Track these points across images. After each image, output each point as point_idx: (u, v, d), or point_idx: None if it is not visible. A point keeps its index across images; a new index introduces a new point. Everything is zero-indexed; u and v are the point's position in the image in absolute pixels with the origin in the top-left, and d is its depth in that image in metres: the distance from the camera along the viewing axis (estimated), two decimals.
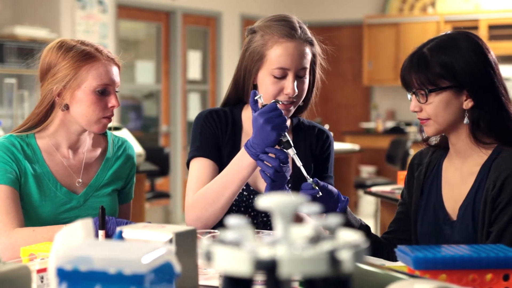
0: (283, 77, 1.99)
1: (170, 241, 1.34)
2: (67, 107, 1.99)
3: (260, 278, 0.82)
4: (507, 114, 1.84)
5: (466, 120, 1.83)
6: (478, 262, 1.45)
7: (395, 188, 3.45)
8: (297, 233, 0.87)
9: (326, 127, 6.05)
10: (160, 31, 7.98)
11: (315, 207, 0.89)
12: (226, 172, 1.92)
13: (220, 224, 1.99)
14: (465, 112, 1.83)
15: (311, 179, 1.86)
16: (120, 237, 1.19)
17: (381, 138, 8.49)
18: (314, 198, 1.87)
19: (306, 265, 0.80)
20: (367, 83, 9.14)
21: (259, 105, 1.89)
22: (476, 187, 1.84)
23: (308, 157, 2.13)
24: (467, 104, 1.82)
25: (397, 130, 8.38)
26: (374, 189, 3.53)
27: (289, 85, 1.98)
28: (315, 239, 0.87)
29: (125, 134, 4.15)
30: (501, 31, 8.36)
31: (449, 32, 1.89)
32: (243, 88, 2.07)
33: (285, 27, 2.02)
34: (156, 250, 1.05)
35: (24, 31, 6.25)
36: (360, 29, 9.15)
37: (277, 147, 1.87)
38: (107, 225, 1.78)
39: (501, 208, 1.76)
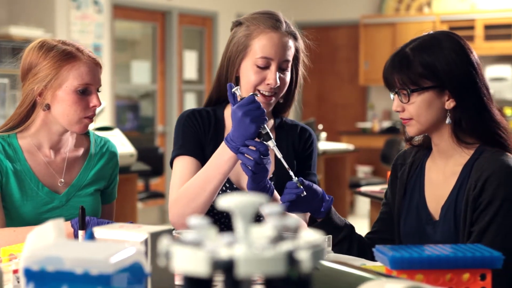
0: (266, 67, 2.01)
1: (146, 241, 1.34)
2: (48, 107, 1.99)
3: (219, 278, 0.82)
4: (489, 115, 1.84)
5: (448, 120, 1.83)
6: (455, 262, 1.45)
7: (385, 188, 3.44)
8: (258, 233, 0.87)
9: (320, 127, 6.07)
10: (156, 31, 7.98)
11: (276, 207, 0.89)
12: (207, 167, 1.92)
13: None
14: (447, 112, 1.83)
15: (296, 178, 1.86)
16: (91, 237, 1.19)
17: (378, 138, 8.49)
18: (299, 197, 1.87)
19: (263, 265, 0.80)
20: (364, 83, 9.14)
21: (238, 98, 1.89)
22: (458, 187, 1.84)
23: (291, 155, 2.13)
24: (449, 104, 1.82)
25: (393, 130, 8.38)
26: (363, 189, 3.52)
27: (272, 76, 2.00)
28: (276, 239, 0.87)
29: (117, 134, 4.15)
30: (497, 31, 8.36)
31: (431, 32, 1.89)
32: (225, 82, 2.07)
33: (270, 19, 2.05)
34: (125, 250, 1.05)
35: (19, 31, 6.25)
36: (357, 29, 9.15)
37: (257, 139, 1.87)
38: (88, 225, 1.78)
39: (482, 208, 1.76)
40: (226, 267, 0.79)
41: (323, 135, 5.81)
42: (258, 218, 2.08)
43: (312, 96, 9.52)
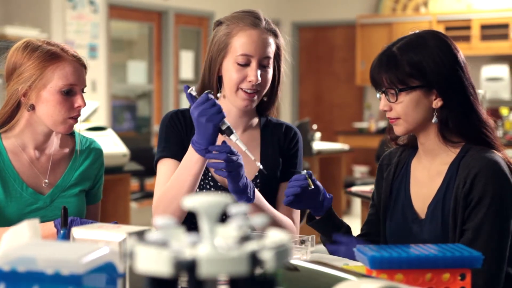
0: (246, 64, 2.02)
1: (124, 241, 1.34)
2: (32, 107, 1.99)
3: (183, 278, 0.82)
4: (476, 114, 1.85)
5: (434, 119, 1.84)
6: (434, 261, 1.45)
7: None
8: (224, 233, 0.87)
9: (315, 127, 6.07)
10: (152, 31, 7.98)
11: (243, 207, 0.89)
12: (179, 170, 1.93)
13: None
14: (434, 111, 1.84)
15: (305, 171, 1.89)
16: (64, 237, 1.19)
17: (374, 138, 8.48)
18: (303, 192, 1.90)
19: (226, 265, 0.80)
20: (360, 83, 9.14)
21: (195, 99, 1.89)
22: (445, 186, 1.84)
23: (276, 154, 2.14)
24: (437, 103, 1.83)
25: None
26: (354, 189, 3.52)
27: (252, 73, 2.01)
28: (242, 239, 0.87)
29: (109, 134, 4.15)
30: (493, 30, 8.36)
31: (417, 31, 1.89)
32: (209, 82, 2.08)
33: (249, 17, 2.07)
34: (98, 250, 1.06)
35: (15, 31, 6.25)
36: (353, 29, 9.15)
37: (220, 136, 1.88)
38: (71, 225, 1.78)
39: (474, 205, 1.77)
40: (189, 267, 0.80)
41: (318, 135, 5.81)
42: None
43: (308, 96, 9.52)
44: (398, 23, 8.76)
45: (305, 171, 1.88)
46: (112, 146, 4.08)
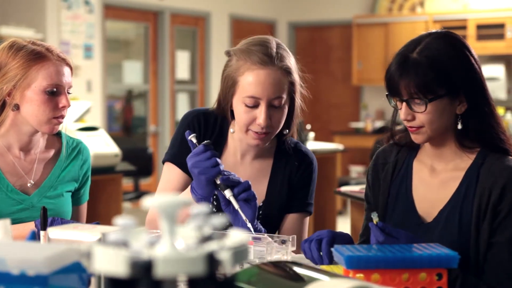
0: (255, 106, 1.91)
1: (99, 241, 1.35)
2: (17, 107, 1.99)
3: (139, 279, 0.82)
4: (494, 118, 1.78)
5: (460, 126, 1.76)
6: (411, 261, 1.45)
7: (364, 188, 3.42)
8: (184, 233, 0.88)
9: (308, 127, 6.06)
10: (148, 31, 7.99)
11: (204, 207, 0.89)
12: None
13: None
14: (458, 117, 1.76)
15: (375, 217, 1.70)
16: (33, 238, 1.20)
17: (370, 138, 8.48)
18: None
19: (183, 265, 0.81)
20: (357, 83, 9.15)
21: (195, 145, 1.86)
22: (463, 193, 1.77)
23: (285, 186, 2.07)
24: (461, 108, 1.75)
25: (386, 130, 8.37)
26: (343, 188, 3.52)
27: (261, 115, 1.90)
28: (203, 240, 0.87)
29: (101, 134, 4.15)
30: (489, 30, 8.36)
31: (429, 32, 1.78)
32: (224, 109, 2.02)
33: (259, 53, 1.92)
34: (65, 251, 1.06)
35: (10, 31, 6.25)
36: (350, 29, 9.16)
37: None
38: (52, 225, 1.78)
39: (504, 216, 1.71)
40: (146, 267, 0.80)
41: (312, 135, 5.81)
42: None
43: (305, 96, 9.51)
44: (394, 23, 8.76)
45: (375, 217, 1.70)
46: (104, 146, 4.08)
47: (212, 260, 0.82)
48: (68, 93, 2.04)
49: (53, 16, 6.76)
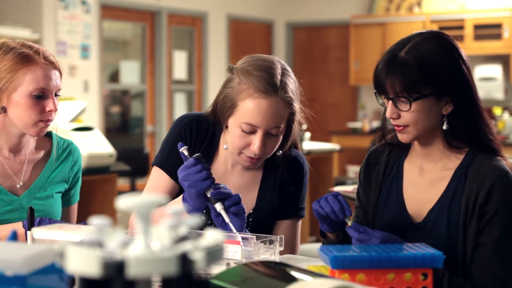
0: (251, 132, 1.90)
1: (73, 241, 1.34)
2: (4, 110, 1.99)
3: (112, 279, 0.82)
4: (482, 118, 1.78)
5: (446, 126, 1.76)
6: (396, 261, 1.46)
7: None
8: (158, 233, 0.88)
9: (304, 126, 6.07)
10: (145, 31, 7.99)
11: (179, 207, 0.89)
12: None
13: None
14: (444, 117, 1.76)
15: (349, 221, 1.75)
16: (13, 238, 1.20)
17: (368, 138, 8.48)
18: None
19: (156, 265, 0.81)
20: (354, 83, 9.15)
21: (187, 157, 1.86)
22: (451, 193, 1.78)
23: (275, 195, 2.07)
24: (447, 109, 1.75)
25: None
26: (336, 188, 3.52)
27: (256, 143, 1.89)
28: (178, 240, 0.87)
29: (96, 134, 4.15)
30: (486, 30, 8.36)
31: (419, 32, 1.79)
32: (218, 120, 2.01)
33: (263, 81, 1.87)
34: (44, 251, 1.06)
35: (6, 32, 6.25)
36: (347, 29, 9.16)
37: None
38: (40, 226, 1.78)
39: (490, 217, 1.71)
40: (118, 267, 0.80)
41: (308, 134, 5.81)
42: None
43: (303, 96, 9.52)
44: (391, 23, 8.76)
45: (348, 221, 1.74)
46: (99, 146, 4.08)
47: (185, 260, 0.82)
48: (57, 95, 2.03)
49: (50, 16, 6.76)
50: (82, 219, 2.28)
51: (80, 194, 2.23)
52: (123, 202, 0.85)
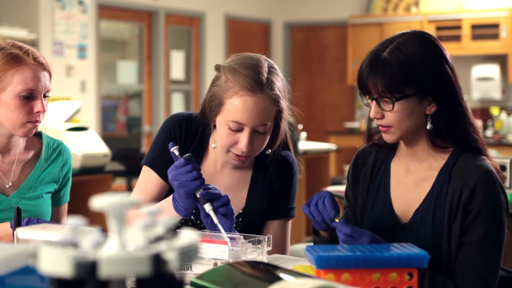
0: (238, 130, 1.90)
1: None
2: None
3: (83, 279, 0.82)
4: (467, 118, 1.79)
5: (429, 126, 1.76)
6: (381, 261, 1.46)
7: None
8: (133, 233, 0.88)
9: (300, 127, 6.06)
10: (143, 31, 7.99)
11: (155, 208, 0.89)
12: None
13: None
14: (428, 117, 1.76)
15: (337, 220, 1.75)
16: None
17: None
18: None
19: (128, 265, 0.81)
20: (352, 83, 9.13)
21: (177, 157, 1.86)
22: (436, 192, 1.79)
23: (265, 195, 2.07)
24: (430, 109, 1.75)
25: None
26: (329, 188, 3.52)
27: (243, 141, 1.90)
28: (154, 240, 0.87)
29: (91, 134, 4.15)
30: (484, 30, 8.36)
31: (403, 32, 1.78)
32: (207, 119, 2.01)
33: (249, 79, 1.88)
34: (23, 251, 1.06)
35: (3, 32, 6.25)
36: (345, 29, 9.16)
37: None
38: (28, 226, 1.78)
39: (473, 217, 1.72)
40: (90, 268, 0.80)
41: (303, 135, 5.82)
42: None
43: (301, 96, 9.52)
44: (389, 23, 8.76)
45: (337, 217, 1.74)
46: (93, 146, 4.08)
47: (158, 260, 0.82)
48: (46, 96, 2.02)
49: (47, 16, 6.76)
50: None
51: (74, 194, 2.23)
52: (97, 202, 0.85)
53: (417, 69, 1.71)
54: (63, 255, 0.80)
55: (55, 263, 0.80)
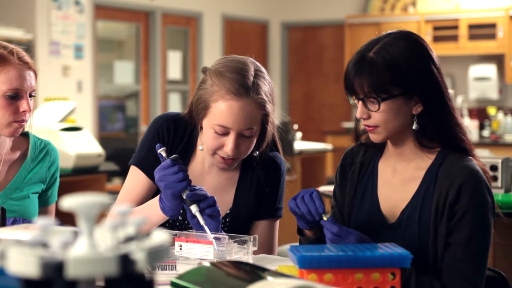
0: (224, 134, 1.90)
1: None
2: None
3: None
4: (453, 118, 1.79)
5: (415, 126, 1.76)
6: (363, 260, 1.45)
7: None
8: (103, 233, 0.88)
9: (295, 126, 6.07)
10: (139, 31, 7.98)
11: (126, 208, 0.89)
12: (141, 209, 1.90)
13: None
14: (414, 117, 1.76)
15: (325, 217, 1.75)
16: None
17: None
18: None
19: (95, 265, 0.81)
20: None
21: (164, 158, 1.85)
22: (422, 193, 1.78)
23: (252, 196, 2.07)
24: (417, 109, 1.75)
25: None
26: (321, 188, 3.52)
27: (229, 144, 1.90)
28: (122, 240, 0.87)
29: (85, 134, 4.15)
30: (481, 30, 8.35)
31: (389, 32, 1.79)
32: (194, 121, 2.01)
33: (235, 83, 1.88)
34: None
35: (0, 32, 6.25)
36: (342, 29, 9.16)
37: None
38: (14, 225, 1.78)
39: (460, 217, 1.71)
40: (57, 268, 0.80)
41: (299, 134, 5.82)
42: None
43: (298, 96, 9.53)
44: (386, 23, 8.75)
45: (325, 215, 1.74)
46: (87, 146, 4.08)
47: (126, 260, 0.82)
48: (32, 96, 2.03)
49: (43, 16, 6.76)
50: (69, 219, 2.28)
51: (68, 194, 2.22)
52: (66, 202, 0.85)
53: (403, 69, 1.71)
54: (30, 255, 0.80)
55: (23, 263, 0.80)
